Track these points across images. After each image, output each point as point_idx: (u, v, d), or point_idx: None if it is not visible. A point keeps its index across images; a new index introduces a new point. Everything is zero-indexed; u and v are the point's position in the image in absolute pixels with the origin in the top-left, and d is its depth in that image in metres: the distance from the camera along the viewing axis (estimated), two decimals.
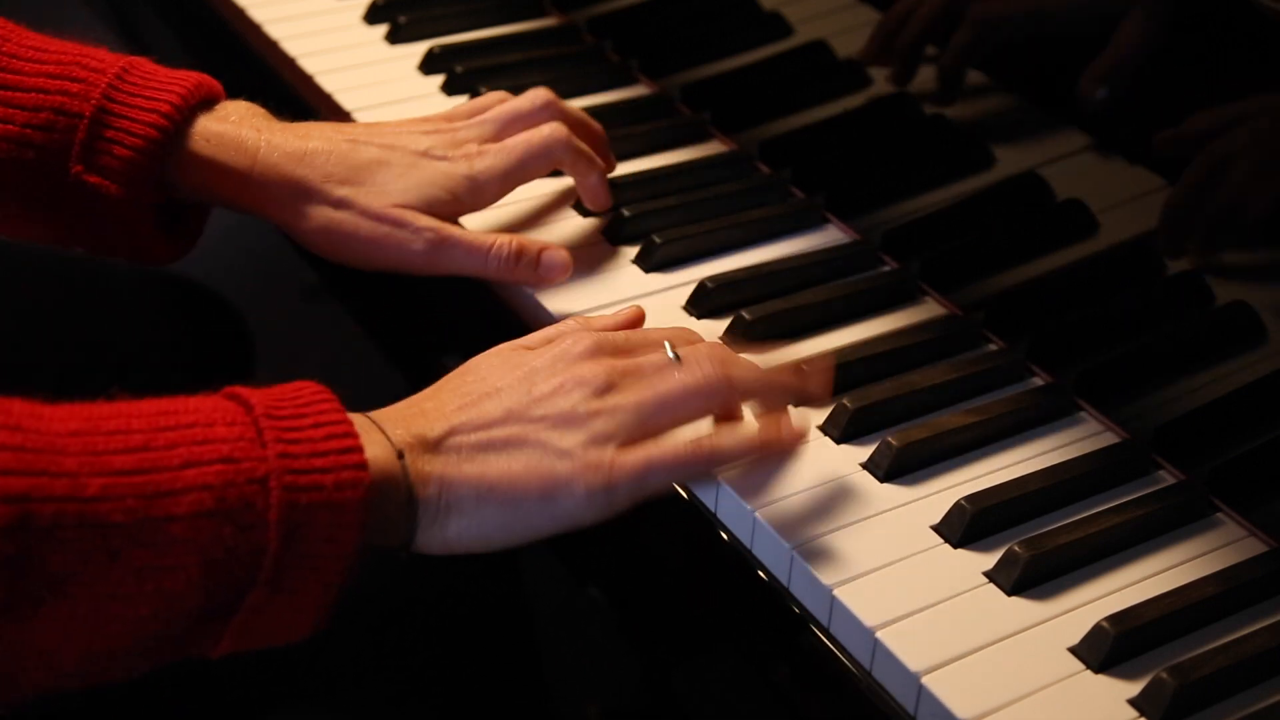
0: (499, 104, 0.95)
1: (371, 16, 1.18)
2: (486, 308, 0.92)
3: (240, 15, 1.17)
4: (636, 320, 0.85)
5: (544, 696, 1.10)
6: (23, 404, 0.63)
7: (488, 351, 0.79)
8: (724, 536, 0.78)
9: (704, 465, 0.75)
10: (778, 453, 0.77)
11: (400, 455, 0.70)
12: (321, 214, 0.88)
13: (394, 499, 0.70)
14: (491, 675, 1.04)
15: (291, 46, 1.13)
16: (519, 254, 0.89)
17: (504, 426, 0.73)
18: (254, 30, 1.16)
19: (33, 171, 0.86)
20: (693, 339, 0.80)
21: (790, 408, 0.79)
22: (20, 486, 0.60)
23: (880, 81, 1.05)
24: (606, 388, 0.74)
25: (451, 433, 0.72)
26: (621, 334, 0.79)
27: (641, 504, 0.74)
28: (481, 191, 0.91)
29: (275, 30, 1.15)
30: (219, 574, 0.64)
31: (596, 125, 0.99)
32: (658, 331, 0.80)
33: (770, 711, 0.78)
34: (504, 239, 0.89)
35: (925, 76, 1.02)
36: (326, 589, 0.67)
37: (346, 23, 1.18)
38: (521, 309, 0.92)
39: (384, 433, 0.71)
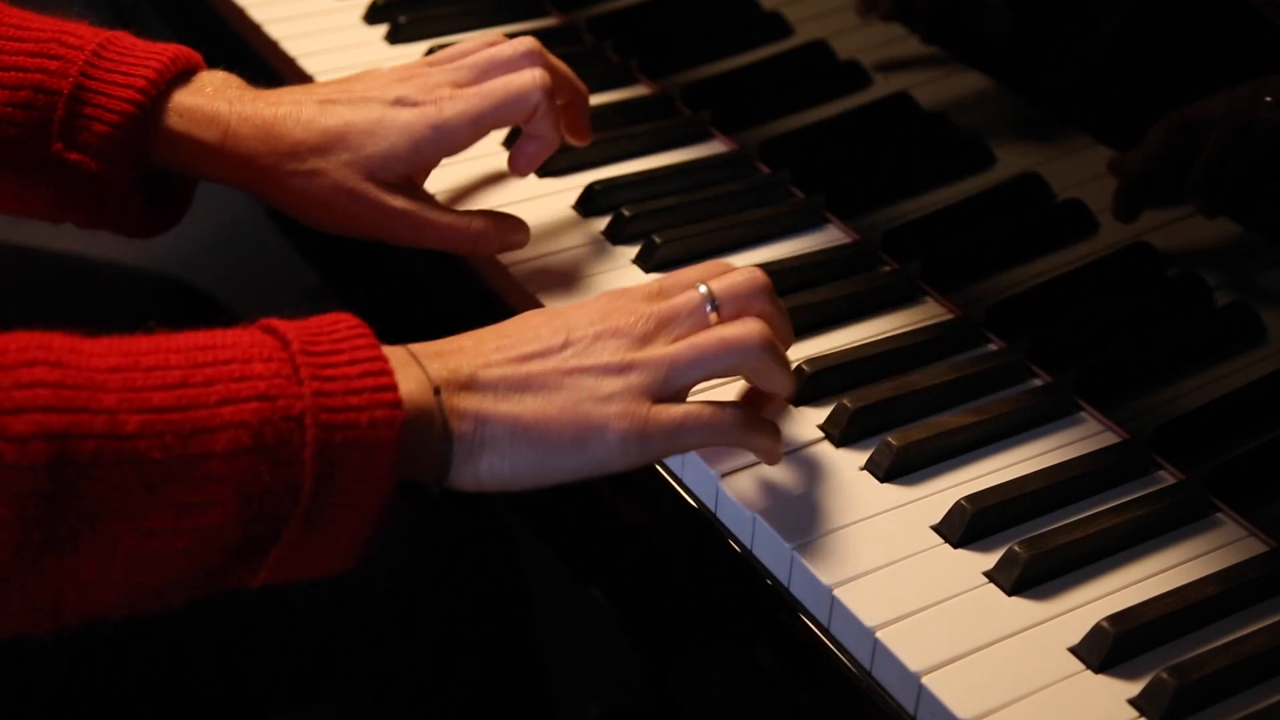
0: (482, 49, 0.92)
1: (371, 16, 1.18)
2: (488, 308, 0.92)
3: (240, 15, 1.17)
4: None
5: (545, 697, 1.10)
6: (63, 338, 0.63)
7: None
8: (724, 537, 0.79)
9: (736, 437, 0.75)
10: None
11: (437, 391, 0.70)
12: (294, 184, 0.87)
13: (430, 435, 0.70)
14: (493, 675, 1.04)
15: (291, 46, 1.13)
16: (485, 230, 0.89)
17: (542, 369, 0.73)
18: (254, 30, 1.16)
19: (17, 149, 0.86)
20: (728, 271, 0.79)
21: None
22: (60, 424, 0.60)
23: (880, 82, 1.05)
24: (643, 337, 0.74)
25: (488, 368, 0.72)
26: (656, 280, 0.79)
27: (649, 503, 0.74)
28: (449, 138, 0.88)
29: (275, 30, 1.15)
30: (255, 510, 0.64)
31: (582, 86, 0.96)
32: (693, 270, 0.79)
33: (769, 711, 0.78)
34: (475, 222, 0.89)
35: (925, 76, 1.02)
36: (363, 524, 0.67)
37: (346, 23, 1.18)
38: (523, 308, 0.92)
39: (422, 367, 0.71)
